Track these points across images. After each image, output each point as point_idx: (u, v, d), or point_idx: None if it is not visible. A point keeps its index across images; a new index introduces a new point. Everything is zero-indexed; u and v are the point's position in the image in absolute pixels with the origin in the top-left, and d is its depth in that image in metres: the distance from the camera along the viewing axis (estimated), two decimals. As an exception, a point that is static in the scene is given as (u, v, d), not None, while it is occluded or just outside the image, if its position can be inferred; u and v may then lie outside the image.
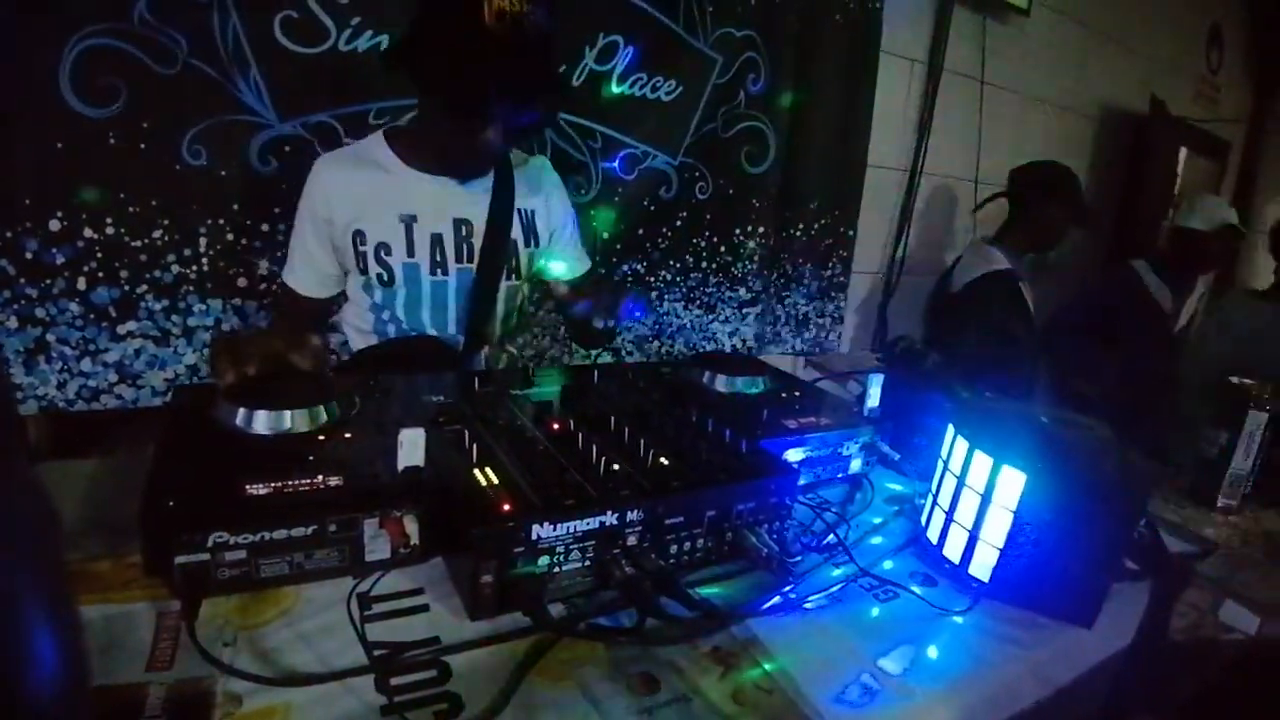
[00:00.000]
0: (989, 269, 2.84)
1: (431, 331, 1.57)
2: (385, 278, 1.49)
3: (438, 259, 1.51)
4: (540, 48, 1.33)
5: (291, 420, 1.00)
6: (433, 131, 1.45)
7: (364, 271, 1.49)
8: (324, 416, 1.03)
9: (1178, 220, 3.18)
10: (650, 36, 2.22)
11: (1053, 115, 3.82)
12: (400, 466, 0.92)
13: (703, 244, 2.62)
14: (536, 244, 1.64)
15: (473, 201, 1.53)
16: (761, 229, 2.74)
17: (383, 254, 1.47)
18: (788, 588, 0.96)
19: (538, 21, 1.28)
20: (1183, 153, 4.56)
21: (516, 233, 1.58)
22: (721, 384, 1.40)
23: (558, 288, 1.74)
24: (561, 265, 1.68)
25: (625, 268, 2.46)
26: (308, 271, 1.53)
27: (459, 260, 1.53)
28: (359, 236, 1.46)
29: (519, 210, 1.58)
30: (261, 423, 0.99)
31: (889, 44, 2.90)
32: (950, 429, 1.11)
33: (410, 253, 1.49)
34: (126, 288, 1.69)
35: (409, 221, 1.48)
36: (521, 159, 1.63)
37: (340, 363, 1.73)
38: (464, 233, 1.52)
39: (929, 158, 3.26)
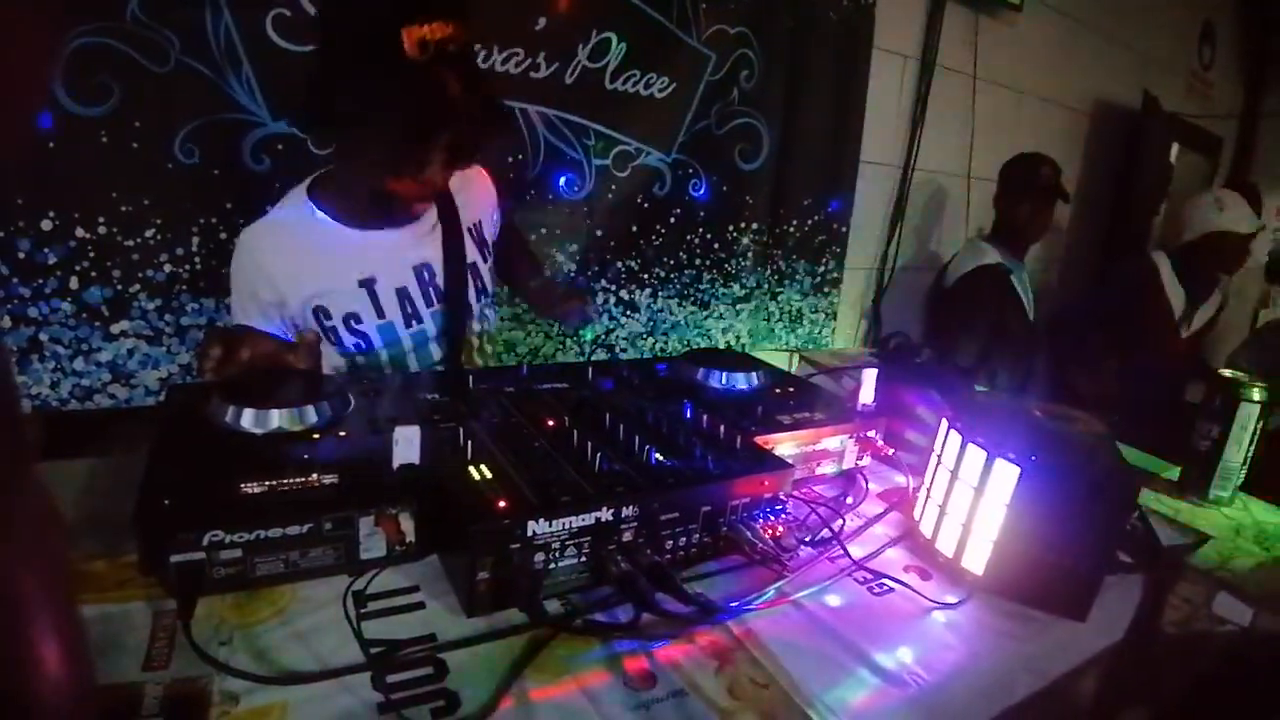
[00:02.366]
0: (980, 263, 2.86)
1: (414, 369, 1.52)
2: (363, 345, 1.43)
3: (409, 311, 1.46)
4: (471, 68, 1.24)
5: (286, 418, 1.00)
6: (363, 186, 1.33)
7: (336, 343, 1.42)
8: (319, 414, 1.03)
9: (1182, 239, 3.16)
10: (643, 33, 2.22)
11: (1045, 110, 3.83)
12: (395, 464, 0.92)
13: (696, 241, 2.63)
14: (491, 253, 1.61)
15: (425, 243, 1.47)
16: (755, 225, 2.75)
17: (353, 324, 1.41)
18: (782, 582, 0.96)
19: (461, 43, 1.18)
20: (1175, 148, 4.58)
21: (473, 254, 1.54)
22: (716, 380, 1.40)
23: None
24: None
25: (619, 265, 2.46)
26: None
27: (429, 304, 1.49)
28: (321, 312, 1.39)
29: (468, 229, 1.53)
30: (256, 421, 0.99)
31: (882, 40, 2.91)
32: (944, 423, 1.11)
33: (380, 314, 1.43)
34: (119, 287, 1.68)
35: (369, 284, 1.41)
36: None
37: None
38: (427, 277, 1.47)
39: (922, 153, 3.28)
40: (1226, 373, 1.43)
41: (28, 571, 0.37)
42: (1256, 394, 1.38)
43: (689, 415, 1.18)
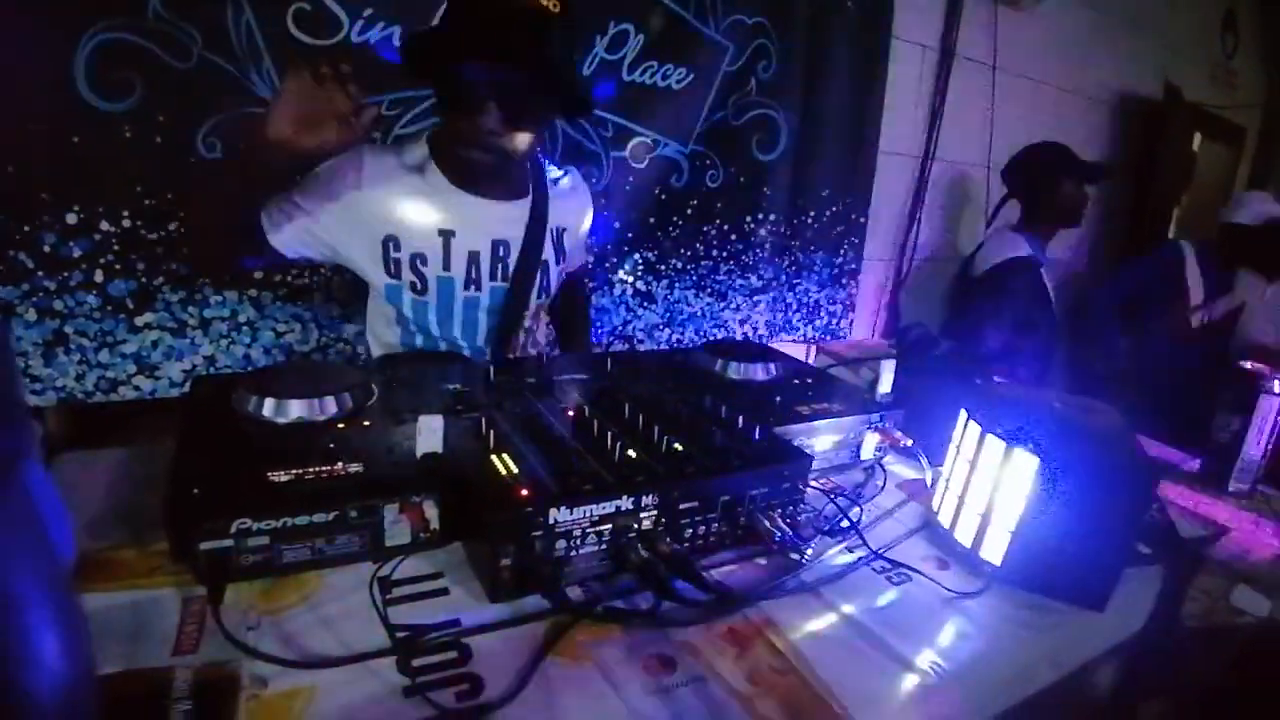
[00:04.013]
0: (1011, 255, 2.84)
1: (461, 343, 1.57)
2: (419, 286, 1.48)
3: (473, 275, 1.51)
4: (540, 30, 1.30)
5: (310, 408, 1.01)
6: (449, 136, 1.45)
7: (395, 276, 1.47)
8: (341, 404, 1.04)
9: (1224, 217, 3.14)
10: (661, 24, 2.21)
11: (1066, 100, 3.80)
12: (419, 453, 0.93)
13: (713, 232, 2.62)
14: (565, 259, 1.67)
15: (510, 222, 1.53)
16: (773, 216, 2.73)
17: (418, 264, 1.46)
18: (801, 571, 0.97)
19: (537, 7, 1.27)
20: (1197, 138, 4.52)
21: (548, 253, 1.59)
22: (734, 371, 1.41)
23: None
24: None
25: (636, 256, 2.47)
26: (295, 240, 1.40)
27: (493, 279, 1.54)
28: (392, 242, 1.44)
29: (551, 230, 1.60)
30: (282, 411, 1.00)
31: (900, 29, 2.88)
32: (963, 414, 1.11)
33: (446, 266, 1.48)
34: (143, 280, 1.70)
35: (447, 236, 1.47)
36: (557, 176, 1.66)
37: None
38: (501, 253, 1.53)
39: (941, 144, 3.25)
40: (1246, 365, 1.43)
41: (25, 567, 0.38)
42: (1277, 386, 1.37)
43: (707, 406, 1.19)
